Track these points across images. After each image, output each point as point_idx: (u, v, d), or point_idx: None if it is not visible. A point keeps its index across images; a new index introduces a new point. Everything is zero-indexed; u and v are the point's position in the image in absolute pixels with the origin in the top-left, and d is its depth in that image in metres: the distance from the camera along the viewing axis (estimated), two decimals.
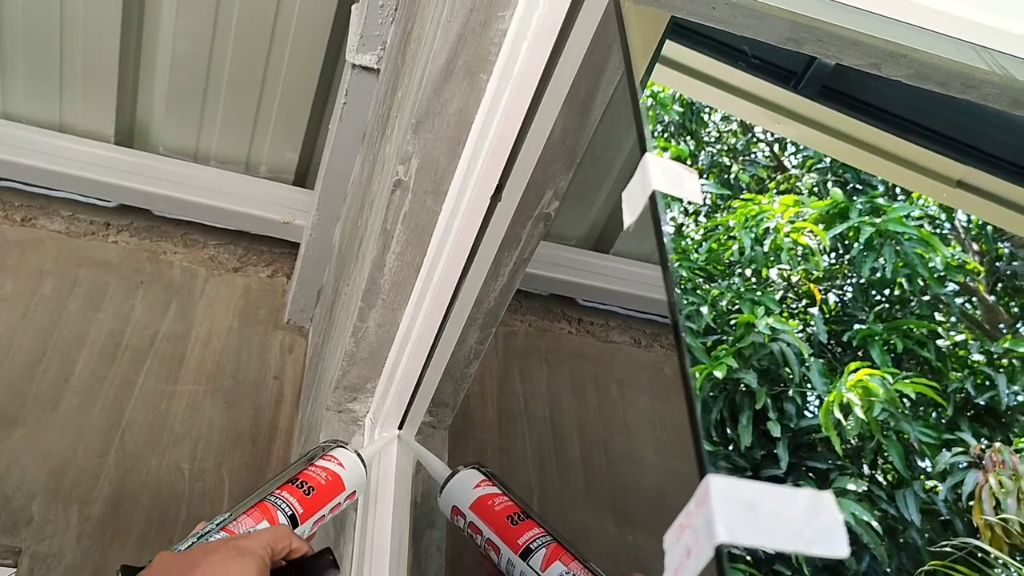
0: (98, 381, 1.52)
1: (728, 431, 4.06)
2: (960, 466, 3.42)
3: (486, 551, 0.87)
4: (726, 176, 5.16)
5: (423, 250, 0.97)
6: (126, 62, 1.59)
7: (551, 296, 1.86)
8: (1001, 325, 4.25)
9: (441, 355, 1.04)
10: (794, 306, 4.35)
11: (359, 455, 0.93)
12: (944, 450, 3.69)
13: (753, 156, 4.99)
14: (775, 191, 4.75)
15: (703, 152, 5.15)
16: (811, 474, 3.88)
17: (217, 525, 0.78)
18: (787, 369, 3.92)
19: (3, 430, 1.42)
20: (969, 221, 4.46)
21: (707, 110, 4.42)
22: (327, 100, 1.67)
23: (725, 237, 4.34)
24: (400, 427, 1.10)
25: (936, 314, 4.10)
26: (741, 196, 4.56)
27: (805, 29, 0.74)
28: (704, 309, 3.99)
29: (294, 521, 0.82)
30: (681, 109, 4.35)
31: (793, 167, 5.02)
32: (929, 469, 3.66)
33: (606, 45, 0.79)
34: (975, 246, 4.60)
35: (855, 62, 0.80)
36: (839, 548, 0.33)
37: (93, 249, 1.68)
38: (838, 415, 3.66)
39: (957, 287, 4.31)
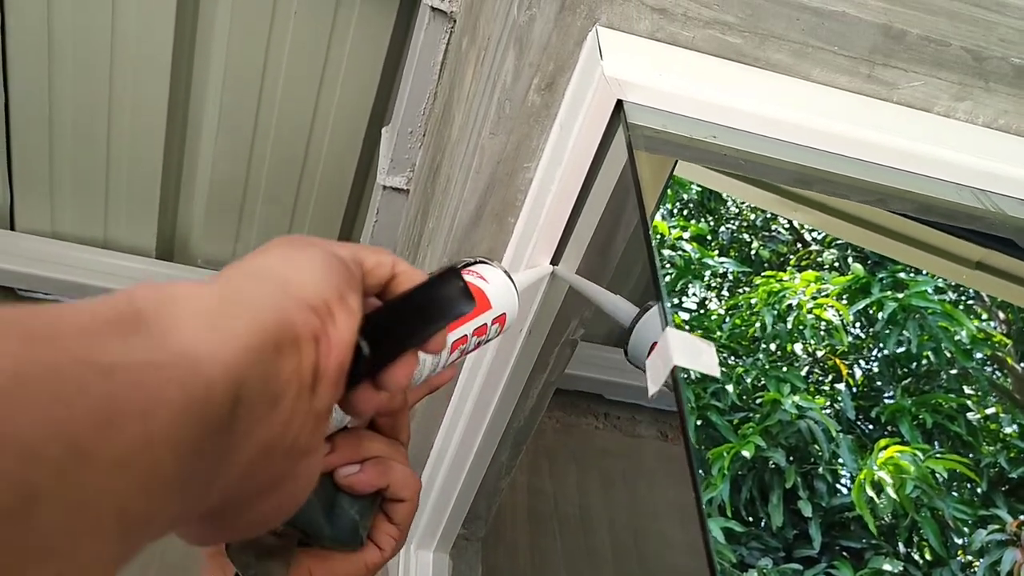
0: None
1: (759, 510, 4.02)
2: (998, 541, 3.36)
3: None
4: (746, 251, 5.22)
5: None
6: (168, 181, 1.67)
7: (577, 392, 1.89)
8: None
9: (474, 472, 1.08)
10: (820, 381, 4.34)
11: (508, 275, 0.70)
12: (980, 528, 3.64)
13: (773, 232, 5.05)
14: (796, 266, 4.79)
15: (723, 227, 5.22)
16: (845, 554, 3.84)
17: None
18: (816, 447, 3.91)
19: None
20: None
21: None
22: (357, 211, 1.74)
23: (748, 314, 4.38)
24: (435, 546, 1.13)
25: (965, 387, 4.07)
26: (762, 273, 4.60)
27: (810, 176, 0.79)
28: (729, 387, 4.00)
29: None
30: (700, 187, 4.42)
31: (813, 240, 5.06)
32: (966, 546, 3.60)
33: (625, 189, 0.84)
34: (1001, 314, 4.59)
35: (861, 199, 0.85)
36: None
37: None
38: (870, 493, 3.64)
39: (986, 358, 4.29)
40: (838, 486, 3.90)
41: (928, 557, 3.75)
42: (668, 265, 4.26)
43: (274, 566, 0.46)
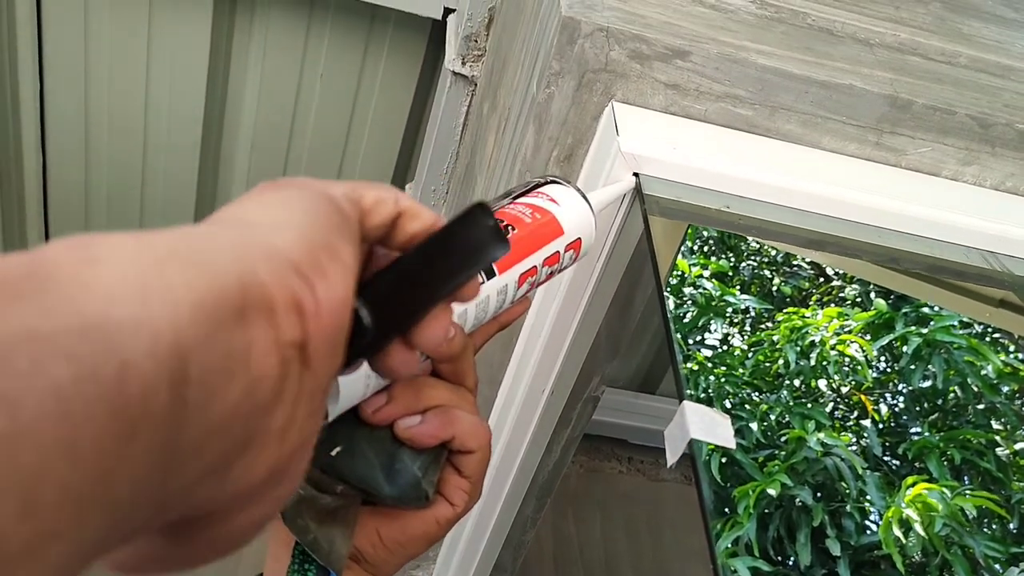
0: None
1: (787, 549, 3.97)
2: None
3: None
4: (768, 287, 5.21)
5: None
6: None
7: (601, 436, 1.91)
8: None
9: (500, 526, 1.10)
10: (845, 417, 4.30)
11: (582, 194, 0.60)
12: (1012, 566, 3.58)
13: (795, 267, 5.03)
14: (818, 302, 4.77)
15: (743, 264, 5.21)
16: None
17: None
18: (843, 484, 3.87)
19: None
20: None
21: None
22: None
23: (771, 350, 4.36)
24: None
25: (993, 422, 4.02)
26: (784, 309, 4.58)
27: (822, 242, 0.81)
28: (754, 424, 3.97)
29: (488, 271, 0.49)
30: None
31: (835, 276, 5.03)
32: None
33: (642, 254, 0.87)
34: None
35: (874, 259, 0.88)
36: None
37: None
38: (898, 532, 3.59)
39: (1014, 393, 4.23)
40: (867, 523, 3.86)
41: None
42: (689, 303, 4.26)
43: (336, 530, 0.42)
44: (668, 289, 0.65)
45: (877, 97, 0.77)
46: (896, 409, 4.38)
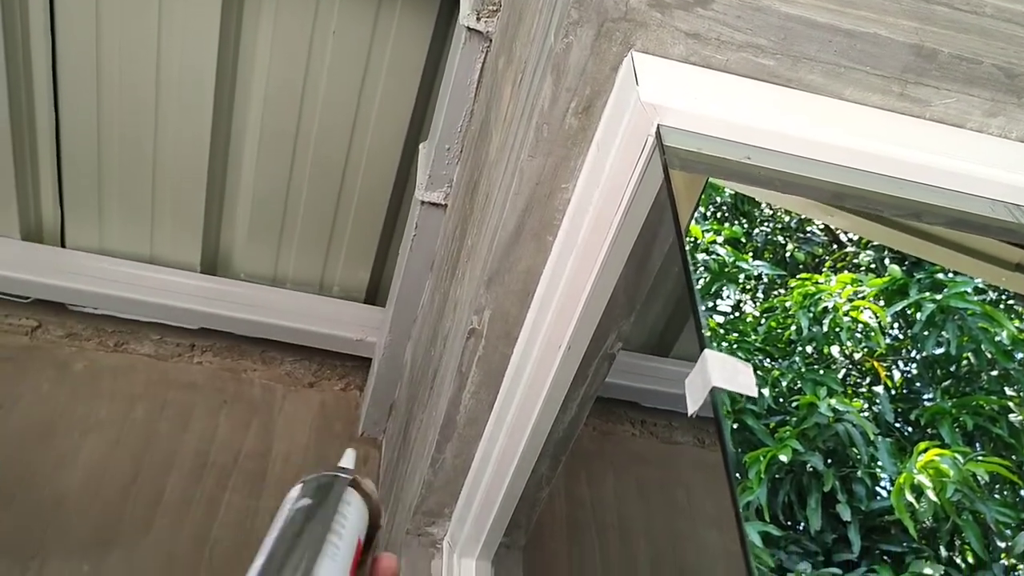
0: (187, 501, 1.60)
1: (797, 514, 3.98)
2: None
3: None
4: (781, 253, 5.17)
5: (496, 389, 1.04)
6: (211, 199, 1.72)
7: (614, 399, 1.91)
8: None
9: (515, 483, 1.10)
10: (858, 383, 4.29)
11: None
12: (1023, 531, 3.59)
13: (808, 234, 5.00)
14: (831, 268, 4.74)
15: (757, 230, 5.17)
16: (886, 557, 3.80)
17: None
18: (854, 450, 3.87)
19: (100, 549, 1.51)
20: None
21: None
22: (395, 224, 1.77)
23: (783, 316, 4.34)
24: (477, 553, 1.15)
25: (1006, 388, 4.01)
26: (797, 275, 4.56)
27: (845, 194, 0.80)
28: (765, 391, 3.97)
29: None
30: (734, 191, 4.40)
31: (848, 242, 5.00)
32: (1009, 549, 3.55)
33: (661, 206, 0.86)
34: None
35: (895, 214, 0.86)
36: None
37: (180, 371, 1.79)
38: (910, 497, 3.59)
39: None
40: (877, 489, 3.87)
41: (970, 560, 3.71)
42: (702, 269, 4.24)
43: None
44: None
45: (902, 46, 0.75)
46: (909, 375, 4.35)
